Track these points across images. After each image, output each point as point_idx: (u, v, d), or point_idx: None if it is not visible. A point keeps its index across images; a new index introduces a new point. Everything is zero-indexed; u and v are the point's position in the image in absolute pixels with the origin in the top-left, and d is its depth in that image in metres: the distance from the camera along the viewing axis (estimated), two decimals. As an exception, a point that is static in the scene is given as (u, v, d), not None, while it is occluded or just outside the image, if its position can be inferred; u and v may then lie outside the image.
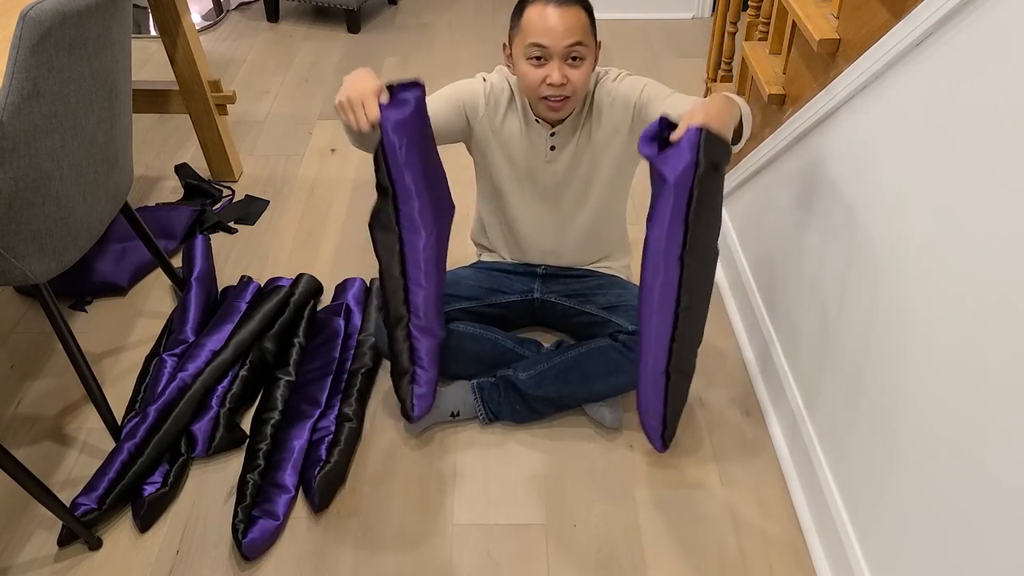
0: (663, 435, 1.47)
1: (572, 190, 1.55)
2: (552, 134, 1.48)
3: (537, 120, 1.47)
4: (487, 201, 1.65)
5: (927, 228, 1.05)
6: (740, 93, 1.97)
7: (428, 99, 1.42)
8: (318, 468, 1.49)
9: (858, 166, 1.26)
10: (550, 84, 1.35)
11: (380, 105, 1.18)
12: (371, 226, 1.31)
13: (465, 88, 1.51)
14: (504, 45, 1.43)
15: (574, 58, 1.34)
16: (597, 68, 1.47)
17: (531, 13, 1.33)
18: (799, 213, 1.50)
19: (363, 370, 1.70)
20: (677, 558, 1.41)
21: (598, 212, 1.60)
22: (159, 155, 2.53)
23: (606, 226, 1.64)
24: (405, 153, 1.21)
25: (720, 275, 2.00)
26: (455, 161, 1.91)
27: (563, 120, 1.46)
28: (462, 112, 1.51)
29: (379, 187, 1.27)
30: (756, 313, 1.73)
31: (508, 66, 1.44)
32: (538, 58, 1.34)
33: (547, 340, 1.78)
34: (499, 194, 1.60)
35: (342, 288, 1.94)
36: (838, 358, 1.34)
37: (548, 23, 1.31)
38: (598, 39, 1.39)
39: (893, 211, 1.14)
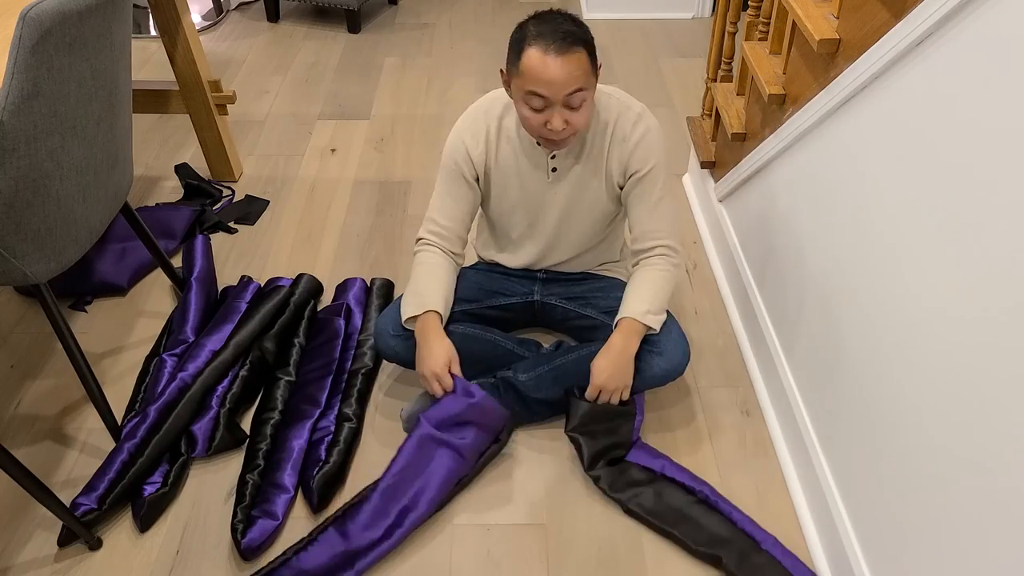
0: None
1: (578, 207, 1.55)
2: (552, 156, 1.47)
3: (538, 143, 1.46)
4: (493, 223, 1.65)
5: (927, 228, 1.05)
6: (740, 93, 1.96)
7: (436, 190, 1.56)
8: (317, 468, 1.49)
9: (858, 166, 1.26)
10: (551, 128, 1.32)
11: (453, 377, 1.47)
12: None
13: (456, 158, 1.50)
14: (502, 71, 1.39)
15: (574, 103, 1.31)
16: (613, 93, 1.46)
17: (531, 59, 1.28)
18: (799, 213, 1.50)
19: (363, 370, 1.70)
20: (677, 558, 1.41)
21: (600, 227, 1.60)
22: (159, 155, 2.53)
23: (607, 238, 1.64)
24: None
25: (720, 274, 2.00)
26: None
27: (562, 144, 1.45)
28: (471, 180, 1.52)
29: None
30: (756, 313, 1.73)
31: (507, 91, 1.41)
32: (538, 106, 1.31)
33: (547, 341, 1.78)
34: (502, 217, 1.60)
35: (343, 288, 1.94)
36: (838, 358, 1.34)
37: (548, 73, 1.26)
38: (598, 63, 1.35)
39: (893, 211, 1.14)
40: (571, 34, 1.28)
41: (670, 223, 1.52)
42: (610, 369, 1.44)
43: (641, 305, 1.47)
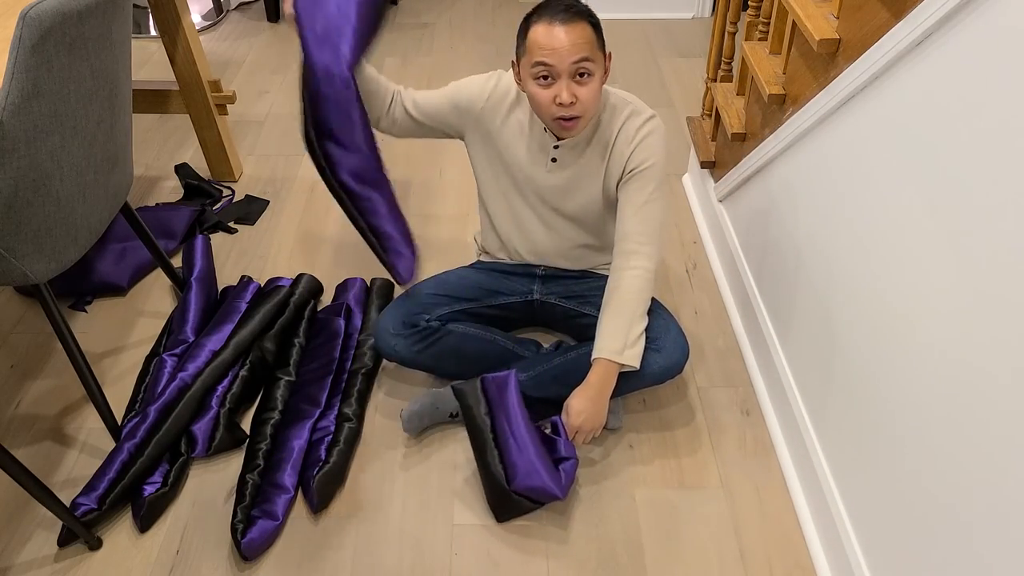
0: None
1: (571, 203, 1.55)
2: (556, 147, 1.48)
3: (545, 130, 1.46)
4: (485, 202, 1.65)
5: (927, 228, 1.05)
6: (740, 93, 1.97)
7: (437, 91, 1.54)
8: (317, 468, 1.49)
9: (858, 166, 1.26)
10: (560, 104, 1.33)
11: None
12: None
13: (465, 88, 1.52)
14: (512, 63, 1.41)
15: (581, 74, 1.32)
16: (631, 101, 1.46)
17: (536, 32, 1.31)
18: (799, 213, 1.50)
19: (363, 370, 1.70)
20: (677, 558, 1.41)
21: (596, 224, 1.60)
22: (159, 155, 2.53)
23: (604, 236, 1.64)
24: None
25: (720, 274, 2.00)
26: (463, 162, 1.88)
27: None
28: (455, 110, 1.52)
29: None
30: (756, 312, 1.73)
31: (517, 83, 1.42)
32: (545, 77, 1.32)
33: (547, 340, 1.78)
34: (495, 196, 1.60)
35: (343, 288, 1.94)
36: (838, 358, 1.34)
37: (553, 41, 1.29)
38: (607, 51, 1.37)
39: (893, 211, 1.14)
40: (575, 7, 1.31)
41: (654, 228, 1.48)
42: (588, 410, 1.43)
43: (616, 342, 1.43)
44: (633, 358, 1.44)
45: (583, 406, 1.43)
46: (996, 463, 0.91)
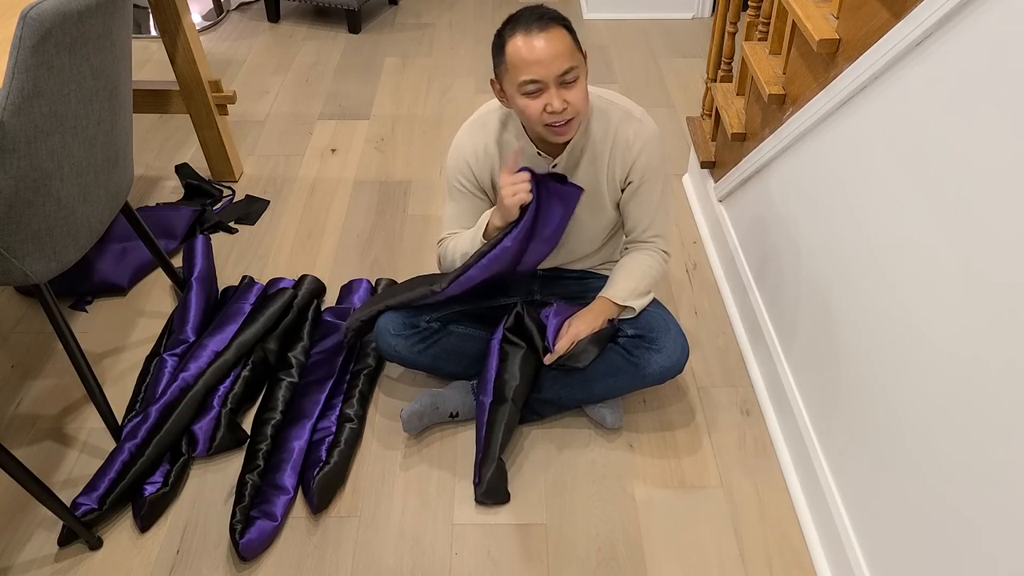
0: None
1: (577, 216, 1.54)
2: (553, 165, 1.47)
3: (539, 153, 1.46)
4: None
5: (927, 227, 1.05)
6: (740, 93, 1.97)
7: (448, 206, 1.57)
8: (317, 469, 1.49)
9: (858, 166, 1.26)
10: (551, 112, 1.31)
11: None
12: None
13: (455, 182, 1.52)
14: (492, 81, 1.39)
15: (567, 79, 1.31)
16: (615, 101, 1.46)
17: (515, 47, 1.29)
18: (799, 213, 1.50)
19: (366, 371, 1.70)
20: (677, 558, 1.41)
21: (603, 232, 1.60)
22: (159, 155, 2.53)
23: (608, 240, 1.64)
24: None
25: (720, 274, 2.00)
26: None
27: (563, 150, 1.45)
28: (478, 192, 1.53)
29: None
30: (756, 312, 1.73)
31: (501, 100, 1.41)
32: (533, 90, 1.31)
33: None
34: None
35: (348, 290, 1.94)
36: (838, 358, 1.34)
37: (535, 53, 1.27)
38: (583, 50, 1.36)
39: (893, 211, 1.14)
40: (546, 14, 1.30)
41: (665, 223, 1.56)
42: (578, 328, 1.52)
43: (622, 292, 1.52)
44: (638, 305, 1.54)
45: (579, 327, 1.51)
46: (997, 462, 0.92)
